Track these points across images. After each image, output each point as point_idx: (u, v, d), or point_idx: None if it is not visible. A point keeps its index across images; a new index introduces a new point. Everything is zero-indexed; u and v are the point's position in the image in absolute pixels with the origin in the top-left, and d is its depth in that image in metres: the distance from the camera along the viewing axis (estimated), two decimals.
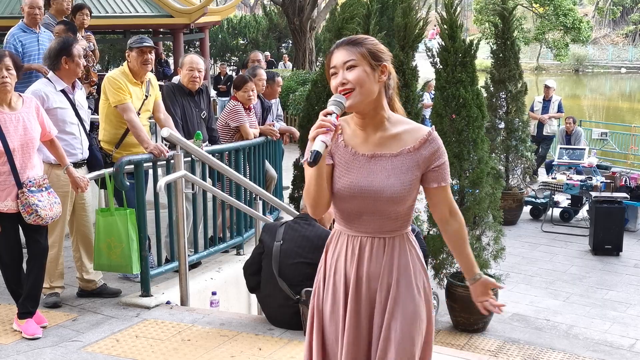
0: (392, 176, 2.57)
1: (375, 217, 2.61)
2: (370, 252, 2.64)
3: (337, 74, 2.56)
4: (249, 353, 4.33)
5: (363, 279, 2.65)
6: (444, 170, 2.62)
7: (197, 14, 16.22)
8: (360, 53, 2.55)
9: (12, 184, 4.32)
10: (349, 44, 2.57)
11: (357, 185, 2.59)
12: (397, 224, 2.63)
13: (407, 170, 2.58)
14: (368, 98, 2.55)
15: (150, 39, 5.56)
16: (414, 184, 2.59)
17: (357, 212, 2.62)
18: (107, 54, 26.93)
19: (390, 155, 2.59)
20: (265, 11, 35.59)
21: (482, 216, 7.29)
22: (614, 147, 16.87)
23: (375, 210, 2.59)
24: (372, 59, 2.56)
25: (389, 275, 2.63)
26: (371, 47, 2.58)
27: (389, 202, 2.57)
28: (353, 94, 2.53)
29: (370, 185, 2.58)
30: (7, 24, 9.82)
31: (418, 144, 2.59)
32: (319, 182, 2.56)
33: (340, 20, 7.75)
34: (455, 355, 4.59)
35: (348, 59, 2.55)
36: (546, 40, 38.85)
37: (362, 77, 2.53)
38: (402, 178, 2.57)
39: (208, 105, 6.28)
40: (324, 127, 2.43)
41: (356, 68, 2.53)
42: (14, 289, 4.59)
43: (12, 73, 4.29)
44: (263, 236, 4.88)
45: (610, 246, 9.81)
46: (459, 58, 7.32)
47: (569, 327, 7.49)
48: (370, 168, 2.59)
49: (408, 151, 2.59)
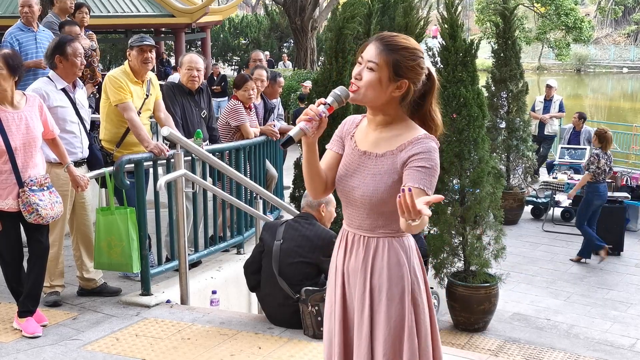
0: (368, 176, 2.58)
1: (356, 213, 2.63)
2: (352, 247, 2.66)
3: (361, 64, 2.55)
4: (249, 352, 4.33)
5: (345, 274, 2.69)
6: (418, 172, 2.45)
7: (198, 14, 16.25)
8: (386, 61, 2.49)
9: (14, 182, 4.32)
10: (385, 45, 2.50)
11: (342, 177, 2.65)
12: (377, 224, 2.60)
13: (385, 172, 2.56)
14: (370, 102, 2.56)
15: (151, 38, 5.57)
16: (391, 187, 2.54)
17: (346, 204, 2.68)
18: (109, 53, 26.97)
19: (375, 156, 2.60)
20: (267, 11, 35.60)
21: (482, 216, 7.29)
22: (615, 147, 16.83)
23: (355, 206, 2.63)
24: (394, 71, 2.49)
25: (365, 277, 2.61)
26: (401, 60, 2.49)
27: (360, 200, 2.58)
28: (357, 92, 2.54)
29: (351, 180, 2.62)
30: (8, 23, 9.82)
31: (401, 146, 2.55)
32: (308, 165, 2.63)
33: (341, 20, 7.73)
34: (455, 355, 4.58)
35: (372, 59, 2.50)
36: (548, 39, 38.86)
37: (372, 83, 2.51)
38: (378, 180, 2.56)
39: (208, 105, 6.28)
40: (308, 115, 2.48)
41: (373, 72, 2.50)
42: (15, 287, 4.59)
43: (1, 73, 4.24)
44: (263, 235, 4.88)
45: (611, 246, 9.80)
46: (460, 57, 7.32)
47: (569, 326, 7.49)
48: (358, 164, 2.63)
49: (391, 153, 2.56)
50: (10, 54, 4.39)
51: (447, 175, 7.27)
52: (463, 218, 7.23)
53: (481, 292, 7.21)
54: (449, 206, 7.29)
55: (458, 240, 7.30)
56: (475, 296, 7.21)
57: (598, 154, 9.39)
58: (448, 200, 7.35)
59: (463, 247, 7.31)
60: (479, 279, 7.21)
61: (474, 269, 7.28)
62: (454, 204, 7.28)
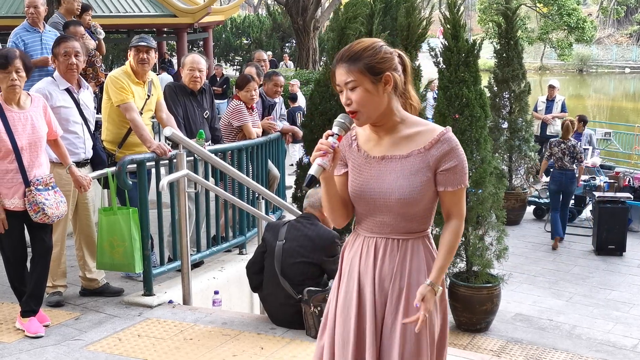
0: (400, 178, 2.56)
1: (388, 219, 2.61)
2: (384, 253, 2.63)
3: (342, 91, 2.54)
4: (251, 352, 4.33)
5: (376, 280, 2.64)
6: (453, 173, 2.56)
7: (200, 14, 16.26)
8: (359, 71, 2.49)
9: (20, 182, 4.34)
10: (347, 60, 2.50)
11: (367, 187, 2.61)
12: (412, 225, 2.62)
13: (416, 171, 2.56)
14: (376, 113, 2.55)
15: (150, 39, 5.56)
16: (425, 185, 2.56)
17: (371, 213, 2.63)
18: (111, 53, 26.98)
19: (400, 157, 2.58)
20: (269, 11, 35.66)
21: (485, 216, 7.29)
22: (617, 147, 16.84)
23: (387, 212, 2.59)
24: (372, 74, 2.50)
25: (401, 278, 2.62)
26: (369, 61, 2.50)
27: (398, 203, 2.56)
28: (358, 116, 2.53)
29: (380, 187, 2.58)
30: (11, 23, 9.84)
31: (429, 145, 2.55)
32: (329, 198, 2.64)
33: (343, 20, 7.73)
34: (458, 355, 4.58)
35: (348, 79, 2.50)
36: (550, 39, 38.86)
37: (364, 99, 2.50)
38: (412, 180, 2.55)
39: (211, 105, 6.28)
40: (322, 150, 2.47)
41: (357, 89, 2.50)
42: (18, 287, 4.60)
43: (21, 75, 4.31)
44: (266, 235, 4.89)
45: (614, 246, 9.80)
46: (462, 58, 7.31)
47: (572, 327, 7.48)
48: (380, 170, 2.60)
49: (418, 152, 2.56)
50: (25, 55, 4.44)
51: None
52: (465, 218, 7.21)
53: (483, 292, 7.20)
54: None
55: (460, 240, 7.29)
56: (477, 296, 7.21)
57: (551, 142, 10.35)
58: None
59: (465, 247, 7.31)
60: (481, 279, 7.21)
61: (476, 270, 7.28)
62: None
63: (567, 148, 10.07)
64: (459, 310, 7.36)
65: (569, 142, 10.13)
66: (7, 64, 4.26)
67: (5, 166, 4.32)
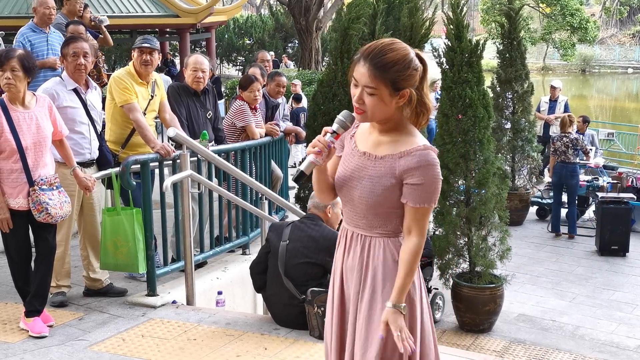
0: (366, 177, 2.62)
1: (354, 212, 2.68)
2: (350, 245, 2.72)
3: (357, 87, 2.55)
4: (255, 352, 4.34)
5: (344, 270, 2.74)
6: (417, 190, 2.54)
7: (203, 14, 16.24)
8: (383, 83, 2.49)
9: (24, 181, 4.35)
10: (375, 66, 2.48)
11: (343, 177, 2.69)
12: (373, 224, 2.64)
13: (381, 175, 2.59)
14: (380, 118, 2.59)
15: (154, 40, 5.57)
16: (387, 190, 2.58)
17: (346, 203, 2.72)
18: (114, 53, 27.00)
19: (375, 157, 2.63)
20: (272, 11, 35.62)
21: (488, 216, 7.28)
22: (620, 147, 16.82)
23: (352, 205, 2.67)
24: (393, 87, 2.50)
25: (360, 273, 2.68)
26: (396, 77, 2.49)
27: (359, 201, 2.63)
28: (363, 116, 2.57)
29: (349, 181, 2.66)
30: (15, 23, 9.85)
31: (399, 154, 2.57)
32: (318, 183, 2.74)
33: (346, 20, 7.73)
34: (460, 356, 4.58)
35: (369, 84, 2.50)
36: (553, 40, 38.81)
37: (376, 106, 2.53)
38: (376, 182, 2.59)
39: (214, 106, 6.29)
40: (317, 148, 2.54)
41: (374, 96, 2.51)
42: (22, 287, 4.60)
43: (17, 74, 4.30)
44: (270, 235, 4.89)
45: (617, 247, 9.79)
46: (465, 58, 7.30)
47: (575, 327, 7.48)
48: (358, 164, 2.66)
49: (390, 157, 2.59)
50: (25, 55, 4.43)
51: (453, 176, 7.27)
52: (468, 219, 7.22)
53: (486, 293, 7.20)
54: (454, 207, 7.29)
55: (463, 241, 7.30)
56: (480, 297, 7.21)
57: (554, 137, 10.67)
58: (453, 201, 7.35)
59: (468, 248, 7.30)
60: (484, 279, 7.21)
61: (479, 270, 7.28)
62: (459, 205, 7.28)
63: (570, 141, 10.29)
64: (462, 311, 7.36)
65: (570, 136, 10.34)
66: (1, 63, 4.28)
67: (10, 166, 4.33)
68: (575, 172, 10.42)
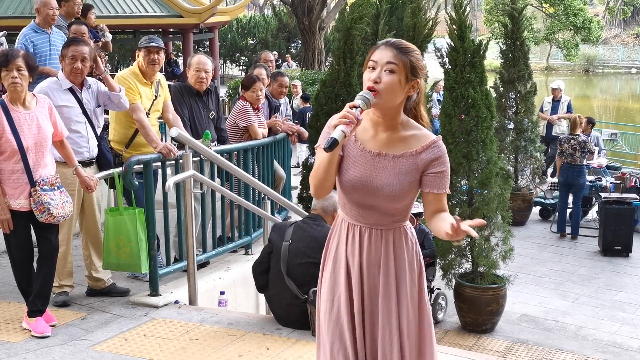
0: (392, 176, 2.69)
1: (374, 211, 2.74)
2: (369, 240, 2.77)
3: (375, 69, 2.64)
4: (257, 352, 4.34)
5: (364, 265, 2.77)
6: (440, 178, 2.71)
7: (206, 14, 16.25)
8: (404, 63, 2.63)
9: (25, 182, 4.35)
10: (398, 48, 2.63)
11: (360, 180, 2.71)
12: (393, 219, 2.76)
13: (406, 172, 2.69)
14: (390, 104, 2.66)
15: (159, 40, 5.59)
16: (412, 185, 2.71)
17: (359, 204, 2.75)
18: (117, 54, 27.02)
19: (393, 156, 2.70)
20: (275, 11, 35.64)
21: (490, 217, 7.28)
22: (623, 147, 16.80)
23: (374, 205, 2.73)
24: (411, 72, 2.65)
25: (388, 266, 2.76)
26: (415, 61, 2.66)
27: (386, 199, 2.70)
28: (378, 95, 2.62)
29: (372, 182, 2.70)
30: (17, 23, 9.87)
31: (420, 149, 2.69)
32: (328, 168, 2.69)
33: (349, 20, 7.73)
34: (463, 356, 4.58)
35: (392, 61, 2.62)
36: (556, 40, 38.75)
37: (394, 85, 2.63)
38: (401, 179, 2.68)
39: (217, 106, 6.29)
40: (347, 119, 2.54)
41: (394, 74, 2.62)
42: (24, 287, 4.61)
43: (23, 74, 4.32)
44: (272, 235, 4.89)
45: (620, 247, 9.78)
46: (468, 58, 7.31)
47: (577, 328, 7.47)
48: (374, 165, 2.71)
49: (410, 154, 2.69)
50: (28, 54, 4.44)
51: (456, 176, 7.26)
52: (471, 219, 7.20)
53: (489, 293, 7.20)
54: (457, 207, 7.28)
55: (466, 241, 7.29)
56: (483, 297, 7.20)
57: (561, 138, 10.63)
58: (456, 201, 7.35)
59: (471, 248, 7.30)
60: (486, 280, 7.20)
61: (482, 270, 7.28)
62: (462, 205, 7.27)
63: (578, 144, 10.24)
64: (465, 311, 7.36)
65: (579, 138, 10.28)
66: (7, 62, 4.29)
67: (11, 166, 4.33)
68: (582, 173, 10.39)
